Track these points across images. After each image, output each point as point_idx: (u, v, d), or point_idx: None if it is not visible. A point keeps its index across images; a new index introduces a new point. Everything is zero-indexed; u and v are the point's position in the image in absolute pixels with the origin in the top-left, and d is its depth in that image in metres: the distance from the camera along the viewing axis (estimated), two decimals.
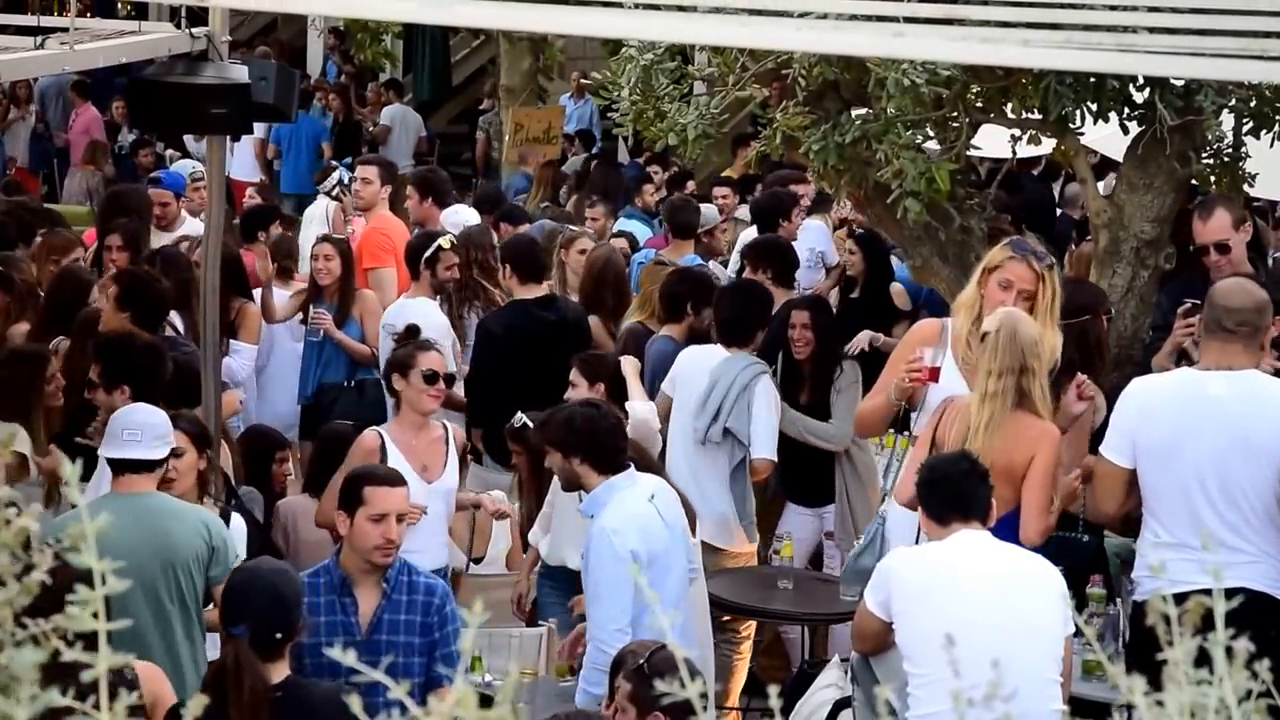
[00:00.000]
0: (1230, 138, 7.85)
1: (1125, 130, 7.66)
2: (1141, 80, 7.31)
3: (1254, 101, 7.54)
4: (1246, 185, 8.02)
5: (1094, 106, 7.44)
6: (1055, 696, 5.02)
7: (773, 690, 2.06)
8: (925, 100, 7.28)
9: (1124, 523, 6.30)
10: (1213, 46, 4.18)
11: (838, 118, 7.66)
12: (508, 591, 7.33)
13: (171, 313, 8.08)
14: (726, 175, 14.38)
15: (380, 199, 10.57)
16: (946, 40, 5.22)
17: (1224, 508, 5.62)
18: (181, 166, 12.15)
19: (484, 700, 1.86)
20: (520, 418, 7.41)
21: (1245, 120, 7.70)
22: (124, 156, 19.02)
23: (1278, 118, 7.56)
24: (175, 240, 9.60)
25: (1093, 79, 7.28)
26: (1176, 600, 1.97)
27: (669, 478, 6.58)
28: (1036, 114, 7.67)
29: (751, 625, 7.70)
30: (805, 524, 8.20)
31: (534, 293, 8.77)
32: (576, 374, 7.23)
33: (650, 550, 5.88)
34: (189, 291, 8.18)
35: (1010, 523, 5.77)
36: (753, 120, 9.66)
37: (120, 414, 5.99)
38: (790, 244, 10.01)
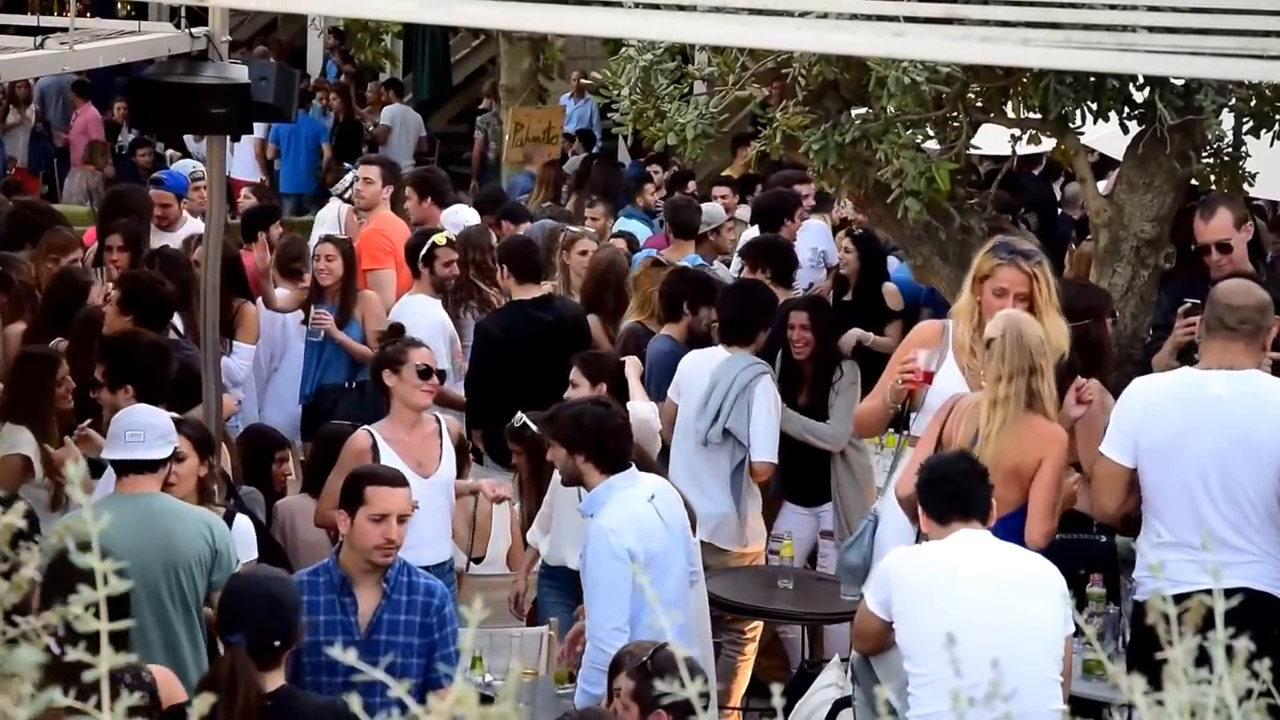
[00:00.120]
0: (1230, 137, 7.86)
1: (1125, 130, 7.67)
2: (1141, 79, 7.31)
3: (1254, 101, 7.55)
4: (1246, 185, 8.02)
5: (1094, 106, 7.45)
6: (1055, 696, 5.02)
7: (775, 689, 2.05)
8: (925, 100, 7.28)
9: (1124, 522, 6.30)
10: (1212, 46, 4.18)
11: (838, 117, 7.66)
12: (508, 591, 7.33)
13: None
14: (726, 175, 14.37)
15: (382, 199, 10.54)
16: (946, 40, 5.22)
17: (1226, 507, 5.62)
18: (182, 166, 12.13)
19: (484, 700, 1.86)
20: (520, 418, 7.41)
21: (1245, 119, 7.71)
22: (124, 156, 19.02)
23: (1278, 117, 7.57)
24: (185, 240, 9.59)
25: (1092, 78, 7.29)
26: (1178, 600, 1.97)
27: (672, 480, 6.58)
28: (1036, 113, 7.67)
29: (758, 626, 7.70)
30: (802, 523, 8.20)
31: (532, 293, 8.79)
32: (578, 373, 7.23)
33: (648, 550, 5.88)
34: (189, 292, 8.18)
35: (1015, 523, 5.78)
36: (753, 120, 9.67)
37: (122, 415, 5.96)
38: (789, 243, 10.00)
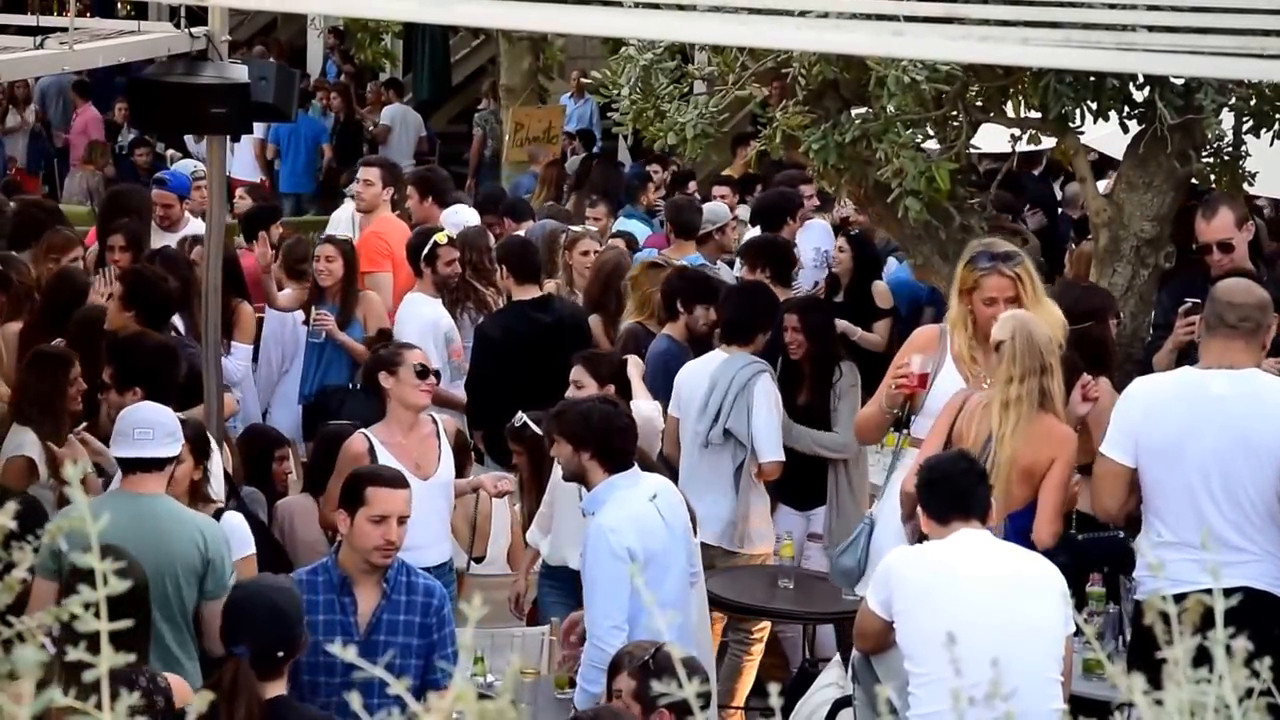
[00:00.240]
0: (1230, 136, 7.85)
1: (1125, 129, 7.67)
2: (1141, 79, 7.31)
3: (1254, 100, 7.54)
4: (1246, 184, 8.02)
5: (1094, 105, 7.45)
6: (1056, 696, 5.02)
7: (773, 689, 2.05)
8: (925, 99, 7.28)
9: (1126, 521, 6.30)
10: (1212, 45, 4.18)
11: (838, 117, 7.66)
12: (508, 591, 7.32)
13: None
14: (726, 175, 14.36)
15: (382, 201, 10.51)
16: (946, 39, 5.22)
17: (1227, 507, 5.62)
18: (183, 166, 12.11)
19: (484, 699, 1.85)
20: (520, 418, 7.41)
21: (1245, 119, 7.70)
22: (124, 156, 19.02)
23: (1277, 116, 7.56)
24: (180, 241, 9.59)
25: (1092, 78, 7.29)
26: (1178, 600, 1.97)
27: (682, 489, 6.58)
28: (1036, 113, 7.67)
29: (765, 627, 7.68)
30: (794, 525, 8.18)
31: (531, 294, 8.80)
32: (583, 374, 7.16)
33: (648, 549, 5.88)
34: (190, 292, 8.17)
35: (1021, 521, 5.80)
36: (753, 120, 9.65)
37: (129, 412, 5.91)
38: (789, 243, 9.99)
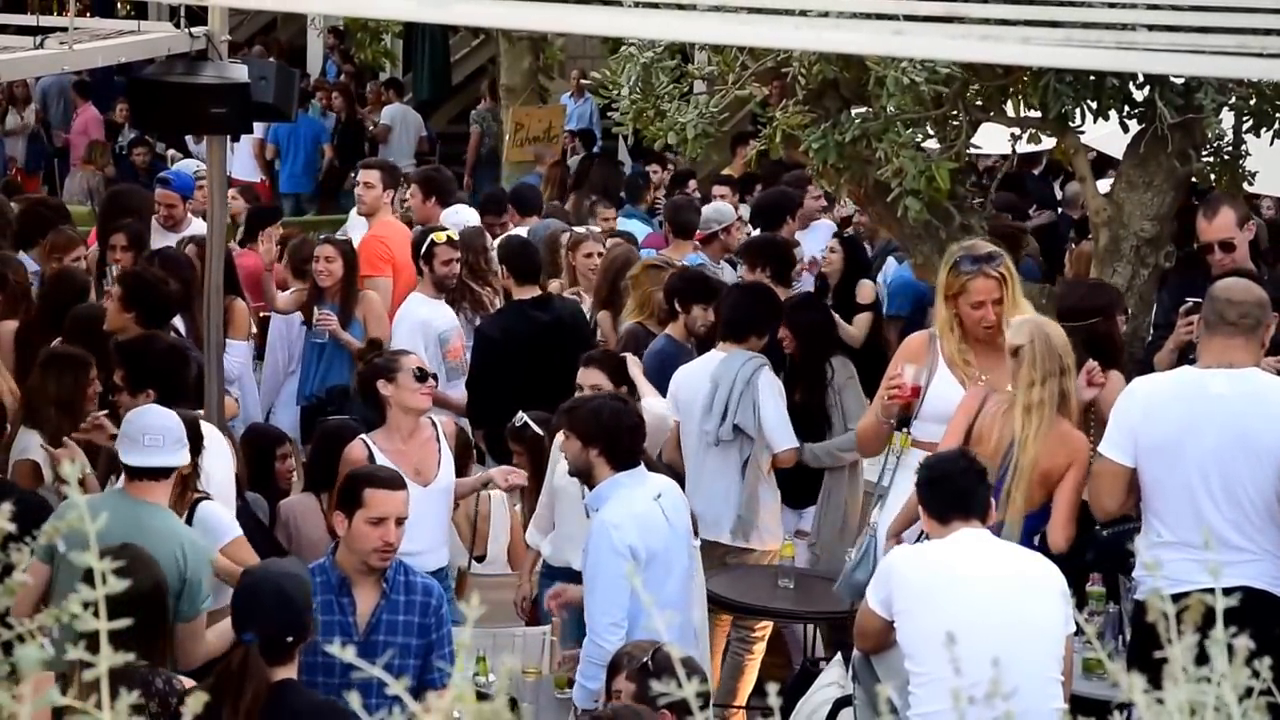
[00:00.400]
0: (1230, 135, 7.85)
1: (1125, 128, 7.67)
2: (1141, 78, 7.31)
3: (1254, 99, 7.54)
4: (1246, 183, 8.02)
5: (1094, 104, 7.44)
6: (1056, 695, 5.03)
7: (772, 689, 2.05)
8: (925, 99, 7.28)
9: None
10: (1212, 44, 4.17)
11: (837, 116, 7.66)
12: (509, 591, 7.31)
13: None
14: (726, 174, 14.36)
15: (383, 203, 10.49)
16: (946, 38, 5.21)
17: (1226, 506, 5.62)
18: (184, 166, 12.10)
19: (483, 699, 1.85)
20: (521, 417, 7.40)
21: (1245, 118, 7.70)
22: (124, 156, 19.02)
23: (1278, 115, 7.56)
24: (180, 241, 9.58)
25: (1092, 77, 7.28)
26: (1178, 599, 1.97)
27: (689, 495, 6.58)
28: (1036, 112, 7.67)
29: (768, 626, 7.68)
30: (787, 523, 8.18)
31: (531, 293, 8.81)
32: (599, 374, 7.09)
33: (650, 548, 5.89)
34: (190, 292, 8.17)
35: (1032, 523, 5.81)
36: (753, 119, 9.65)
37: (136, 416, 5.83)
38: (788, 242, 9.98)
